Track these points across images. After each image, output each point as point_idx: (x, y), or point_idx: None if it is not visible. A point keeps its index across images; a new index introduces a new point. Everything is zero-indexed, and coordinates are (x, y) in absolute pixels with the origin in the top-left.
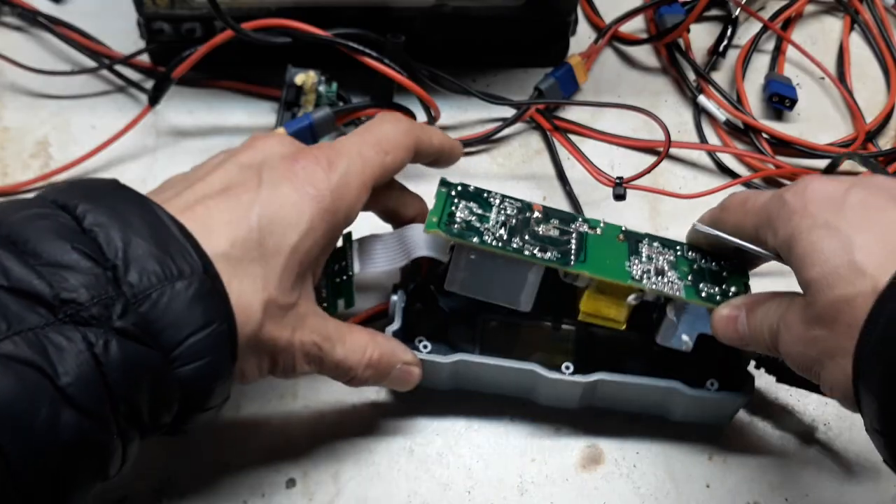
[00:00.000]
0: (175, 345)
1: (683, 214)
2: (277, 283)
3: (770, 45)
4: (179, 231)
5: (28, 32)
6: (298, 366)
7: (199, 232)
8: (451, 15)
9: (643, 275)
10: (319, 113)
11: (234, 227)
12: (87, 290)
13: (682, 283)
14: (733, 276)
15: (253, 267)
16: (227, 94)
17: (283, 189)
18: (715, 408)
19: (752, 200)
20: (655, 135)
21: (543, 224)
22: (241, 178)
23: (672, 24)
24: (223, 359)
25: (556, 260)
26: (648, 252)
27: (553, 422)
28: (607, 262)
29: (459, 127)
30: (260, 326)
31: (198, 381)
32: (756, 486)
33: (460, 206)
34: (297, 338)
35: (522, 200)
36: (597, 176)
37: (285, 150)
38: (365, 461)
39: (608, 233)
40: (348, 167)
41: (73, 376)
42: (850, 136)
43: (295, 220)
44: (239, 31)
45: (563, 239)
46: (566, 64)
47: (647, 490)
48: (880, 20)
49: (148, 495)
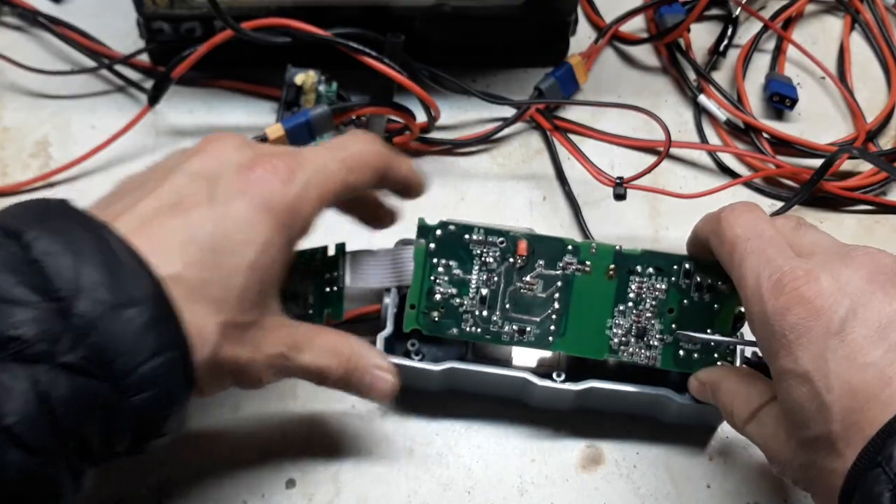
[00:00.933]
0: (127, 373)
1: (684, 214)
2: (236, 304)
3: (771, 45)
4: (130, 256)
5: (28, 32)
6: (265, 378)
7: (152, 253)
8: (451, 15)
9: (621, 344)
10: (317, 110)
11: (186, 248)
12: (33, 326)
13: (661, 345)
14: (724, 309)
15: (208, 289)
16: (227, 93)
17: (237, 204)
18: (706, 411)
19: (738, 252)
20: (656, 135)
21: (528, 274)
22: (193, 191)
23: (672, 23)
24: (177, 385)
25: (534, 341)
26: (638, 290)
27: (553, 422)
28: (588, 326)
29: (459, 127)
30: (217, 349)
31: (152, 409)
32: (756, 486)
33: (440, 276)
34: (262, 352)
35: (507, 234)
36: (597, 176)
37: (242, 157)
38: (365, 461)
39: (599, 264)
40: (309, 179)
41: (18, 416)
42: (851, 135)
43: (251, 237)
44: (239, 30)
45: (546, 299)
46: (566, 64)
47: (647, 491)
48: (881, 20)
49: (147, 495)
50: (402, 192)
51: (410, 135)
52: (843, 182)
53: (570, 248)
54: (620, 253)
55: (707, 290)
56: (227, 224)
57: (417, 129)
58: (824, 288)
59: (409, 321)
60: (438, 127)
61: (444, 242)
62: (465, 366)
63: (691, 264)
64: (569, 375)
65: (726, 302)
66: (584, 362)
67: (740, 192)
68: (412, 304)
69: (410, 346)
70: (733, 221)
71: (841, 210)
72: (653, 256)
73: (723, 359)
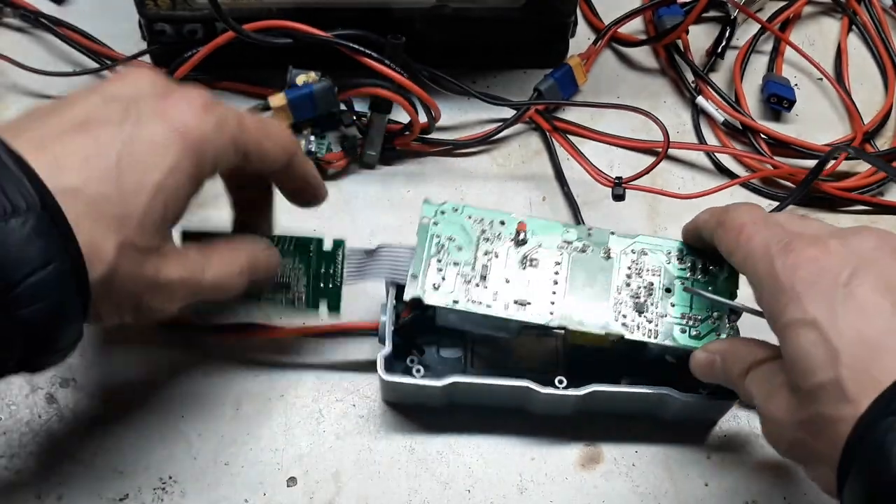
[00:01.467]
0: (13, 285)
1: (682, 214)
2: (137, 225)
3: (768, 47)
4: (17, 165)
5: (30, 33)
6: (167, 307)
7: (48, 168)
8: (452, 16)
9: (620, 321)
10: (321, 83)
11: (89, 165)
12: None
13: (659, 320)
14: (721, 287)
15: (109, 205)
16: (229, 95)
17: (152, 126)
18: (707, 408)
19: (746, 232)
20: (654, 135)
21: (527, 250)
22: (105, 113)
23: (671, 25)
24: (68, 299)
25: (534, 315)
26: (635, 269)
27: (552, 421)
28: (587, 302)
29: (459, 127)
30: (114, 269)
31: (41, 322)
32: (754, 484)
33: (442, 249)
34: (162, 278)
35: (508, 216)
36: (596, 176)
37: (160, 85)
38: (365, 459)
39: (596, 244)
40: (225, 118)
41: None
42: (848, 136)
43: (159, 159)
44: (240, 32)
45: (546, 274)
46: (565, 65)
47: (646, 489)
48: (878, 21)
49: (149, 494)
50: (299, 193)
51: (411, 135)
52: (840, 182)
53: (567, 230)
54: (615, 236)
55: (703, 272)
56: (136, 145)
57: (418, 128)
58: (832, 249)
59: (411, 289)
60: (438, 128)
61: (447, 219)
62: (467, 379)
63: (686, 248)
64: (568, 376)
65: (723, 283)
66: (583, 360)
67: (738, 193)
68: (414, 273)
69: (410, 362)
70: (743, 211)
71: (838, 210)
72: (647, 240)
73: (724, 334)
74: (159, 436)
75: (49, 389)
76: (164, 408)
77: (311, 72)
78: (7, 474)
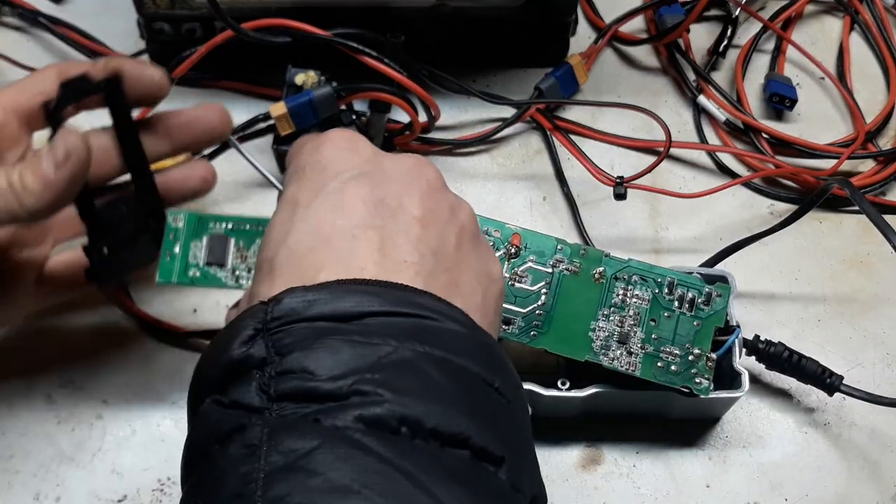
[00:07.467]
0: None
1: (684, 214)
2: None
3: (770, 45)
4: None
5: (28, 32)
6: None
7: None
8: (451, 15)
9: (602, 348)
10: (320, 90)
11: None
12: None
13: (642, 353)
14: (704, 326)
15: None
16: (228, 94)
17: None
18: (710, 407)
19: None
20: (655, 135)
21: (518, 266)
22: None
23: (672, 24)
24: None
25: (518, 333)
26: (623, 296)
27: (552, 421)
28: (571, 326)
29: (459, 127)
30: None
31: None
32: (756, 485)
33: None
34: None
35: (503, 227)
36: (597, 175)
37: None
38: None
39: (587, 266)
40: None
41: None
42: (850, 135)
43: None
44: (239, 31)
45: (535, 292)
46: (566, 64)
47: (647, 490)
48: (880, 20)
49: (147, 495)
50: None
51: (411, 134)
52: None
53: (560, 247)
54: (609, 259)
55: (689, 305)
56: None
57: (418, 128)
58: (361, 150)
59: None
60: (438, 127)
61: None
62: None
63: (675, 278)
64: (570, 378)
65: (707, 320)
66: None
67: (740, 192)
68: None
69: None
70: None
71: (840, 210)
72: (639, 266)
73: (702, 374)
74: (158, 437)
75: (48, 390)
76: (163, 409)
77: (310, 71)
78: (6, 475)
